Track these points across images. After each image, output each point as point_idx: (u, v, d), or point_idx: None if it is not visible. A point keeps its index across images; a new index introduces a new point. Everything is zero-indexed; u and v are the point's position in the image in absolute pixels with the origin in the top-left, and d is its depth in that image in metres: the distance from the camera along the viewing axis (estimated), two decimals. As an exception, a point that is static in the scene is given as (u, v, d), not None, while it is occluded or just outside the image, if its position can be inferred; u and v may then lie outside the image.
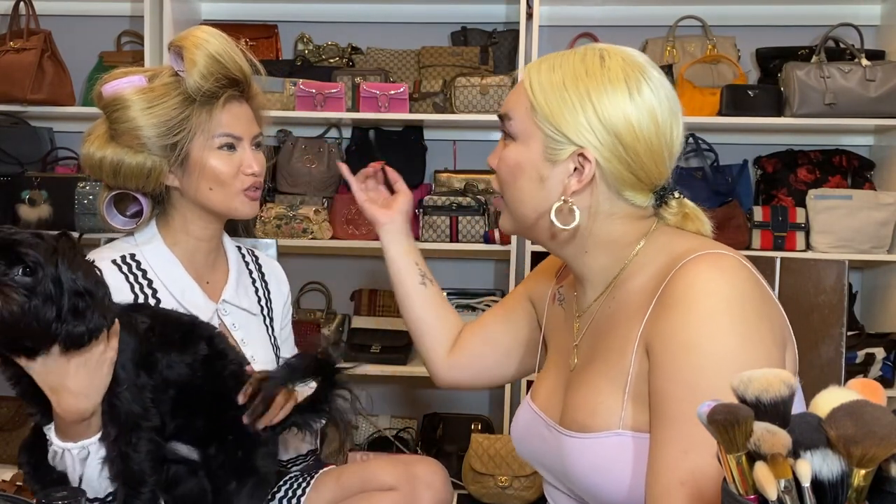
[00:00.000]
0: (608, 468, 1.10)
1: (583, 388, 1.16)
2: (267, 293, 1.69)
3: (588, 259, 1.19)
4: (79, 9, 3.26)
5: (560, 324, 1.32)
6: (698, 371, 1.01)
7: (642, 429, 1.08)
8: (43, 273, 1.21)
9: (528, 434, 1.28)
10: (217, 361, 1.43)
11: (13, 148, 3.04)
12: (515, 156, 1.17)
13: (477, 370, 1.51)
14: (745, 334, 1.02)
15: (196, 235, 1.56)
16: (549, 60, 1.16)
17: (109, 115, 1.48)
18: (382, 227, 1.54)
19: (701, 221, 1.20)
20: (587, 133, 1.11)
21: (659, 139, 1.12)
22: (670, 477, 1.01)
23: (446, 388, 1.58)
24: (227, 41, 1.50)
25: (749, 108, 2.85)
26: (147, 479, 1.32)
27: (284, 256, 2.03)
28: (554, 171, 1.14)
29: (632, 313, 1.12)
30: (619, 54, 1.14)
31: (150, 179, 1.48)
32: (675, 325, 1.04)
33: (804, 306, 1.50)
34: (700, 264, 1.06)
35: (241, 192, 1.52)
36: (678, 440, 1.01)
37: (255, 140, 1.55)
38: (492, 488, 2.72)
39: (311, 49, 3.19)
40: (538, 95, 1.14)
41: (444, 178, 3.10)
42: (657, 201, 1.18)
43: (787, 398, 0.74)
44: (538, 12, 2.94)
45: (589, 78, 1.12)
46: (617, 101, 1.11)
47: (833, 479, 0.69)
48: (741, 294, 1.04)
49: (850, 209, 2.85)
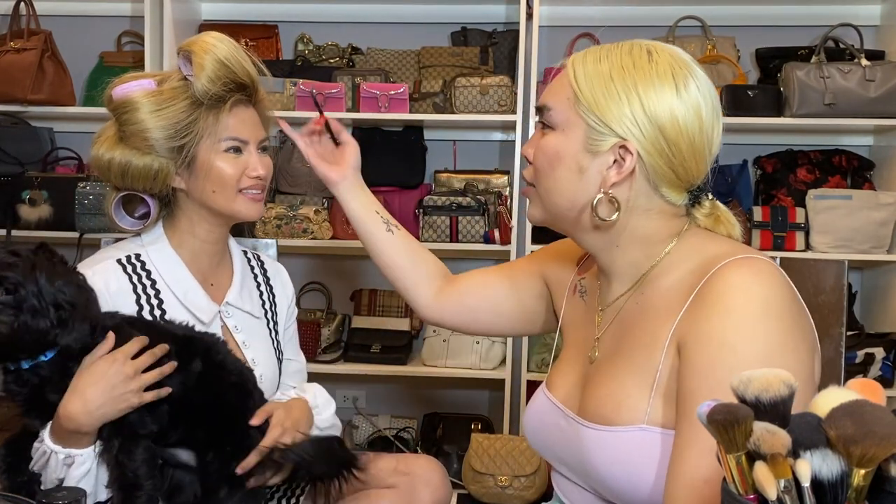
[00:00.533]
0: (631, 462, 1.10)
1: (606, 382, 1.16)
2: (272, 296, 1.70)
3: (618, 253, 1.19)
4: (79, 9, 3.26)
5: (580, 316, 1.31)
6: (732, 372, 1.00)
7: (669, 425, 1.08)
8: (25, 291, 1.26)
9: (544, 425, 1.27)
10: (214, 375, 1.45)
11: (13, 148, 3.04)
12: (555, 145, 1.16)
13: (465, 319, 1.52)
14: (782, 340, 1.03)
15: (201, 237, 1.57)
16: (595, 52, 1.16)
17: (119, 117, 1.50)
18: (337, 185, 1.56)
19: (732, 225, 1.20)
20: (631, 125, 1.11)
21: (702, 137, 1.12)
22: (694, 475, 1.00)
23: (431, 324, 1.59)
24: (235, 46, 1.52)
25: (749, 109, 2.85)
26: (143, 483, 1.33)
27: (284, 256, 2.04)
28: (594, 162, 1.13)
29: (662, 311, 1.12)
30: (667, 51, 1.15)
31: (157, 181, 1.50)
32: (712, 326, 1.04)
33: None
34: (740, 267, 1.06)
35: (243, 194, 1.53)
36: (705, 438, 1.00)
37: (261, 144, 1.56)
38: (492, 488, 2.72)
39: (312, 49, 3.20)
40: (583, 85, 1.13)
41: (444, 178, 3.10)
42: (691, 201, 1.18)
43: (787, 398, 0.74)
44: (538, 12, 2.94)
45: (637, 71, 1.11)
46: (664, 95, 1.10)
47: (833, 479, 0.69)
48: (779, 300, 1.05)
49: (850, 209, 2.85)
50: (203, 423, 1.43)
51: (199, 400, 1.42)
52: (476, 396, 3.26)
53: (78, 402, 1.30)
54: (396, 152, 3.11)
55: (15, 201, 2.94)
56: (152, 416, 1.37)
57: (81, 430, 1.31)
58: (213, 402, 1.44)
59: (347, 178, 1.56)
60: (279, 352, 1.67)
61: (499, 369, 2.97)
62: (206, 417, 1.43)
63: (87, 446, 1.34)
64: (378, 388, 3.30)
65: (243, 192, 1.53)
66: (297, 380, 1.73)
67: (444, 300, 1.51)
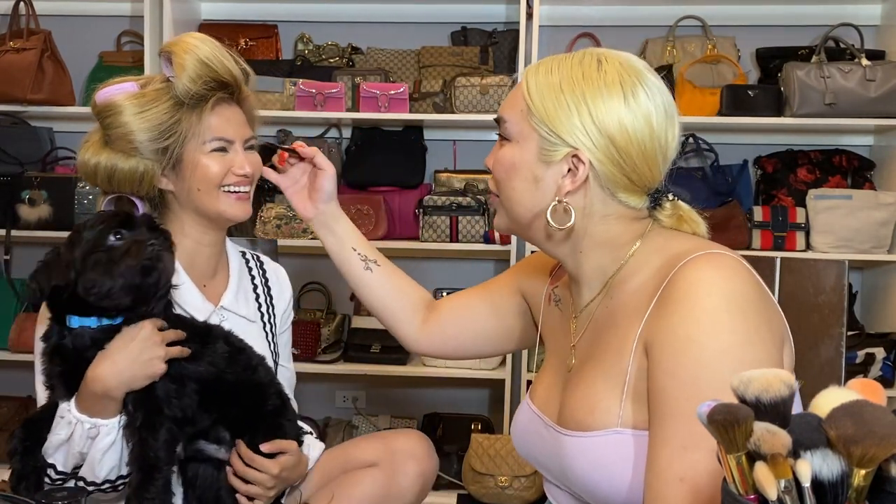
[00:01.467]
0: (608, 466, 1.11)
1: (581, 388, 1.17)
2: (269, 299, 1.69)
3: (582, 258, 1.20)
4: (79, 9, 3.26)
5: (556, 325, 1.33)
6: (698, 368, 1.02)
7: (642, 426, 1.09)
8: None
9: (527, 434, 1.29)
10: (240, 356, 1.47)
11: (13, 148, 3.03)
12: (511, 156, 1.19)
13: (452, 346, 1.52)
14: (745, 332, 1.03)
15: (194, 238, 1.56)
16: (547, 63, 1.18)
17: (102, 121, 1.50)
18: (310, 221, 1.54)
19: (696, 223, 1.22)
20: (581, 135, 1.13)
21: (653, 143, 1.13)
22: (669, 473, 1.01)
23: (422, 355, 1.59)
24: (216, 46, 1.51)
25: (749, 108, 2.84)
26: (162, 465, 1.34)
27: (284, 256, 2.04)
28: (548, 172, 1.16)
29: (630, 313, 1.13)
30: (617, 59, 1.16)
31: (144, 183, 1.50)
32: (675, 323, 1.05)
33: (804, 306, 1.50)
34: (700, 264, 1.07)
35: (227, 193, 1.52)
36: (677, 436, 1.02)
37: (247, 143, 1.56)
38: (492, 488, 2.72)
39: (311, 49, 3.19)
40: (535, 98, 1.15)
41: (444, 178, 3.10)
42: (651, 203, 1.19)
43: (787, 398, 0.74)
44: (538, 12, 2.94)
45: (585, 81, 1.13)
46: (612, 105, 1.12)
47: (833, 479, 0.69)
48: (741, 293, 1.05)
49: (850, 209, 2.85)
50: (238, 401, 1.44)
51: (232, 377, 1.43)
52: (476, 396, 3.26)
53: (107, 363, 1.32)
54: (396, 152, 3.11)
55: (14, 201, 2.94)
56: (180, 399, 1.38)
57: (109, 394, 1.32)
58: (247, 378, 1.46)
59: (321, 212, 1.52)
60: (276, 354, 1.67)
61: (499, 369, 2.97)
62: (240, 395, 1.45)
63: (112, 416, 1.34)
64: (378, 388, 3.30)
65: (228, 190, 1.52)
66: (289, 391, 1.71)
67: (428, 331, 1.51)
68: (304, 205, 1.53)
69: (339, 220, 1.54)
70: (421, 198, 2.98)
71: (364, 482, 1.58)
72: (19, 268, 3.16)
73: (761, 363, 1.01)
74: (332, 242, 1.53)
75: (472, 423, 3.05)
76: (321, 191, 1.52)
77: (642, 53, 3.12)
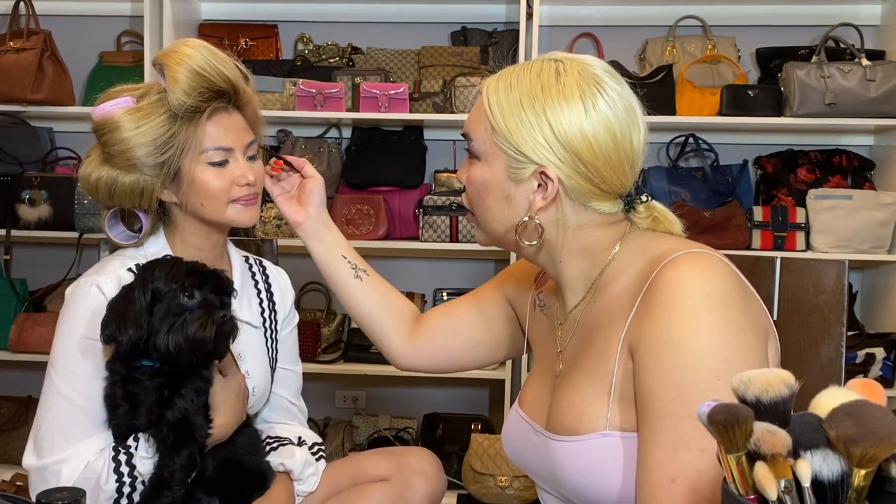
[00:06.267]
0: (597, 469, 1.11)
1: (568, 393, 1.17)
2: (271, 304, 1.68)
3: (563, 267, 1.20)
4: (79, 9, 3.26)
5: (543, 331, 1.33)
6: (684, 368, 1.02)
7: (629, 428, 1.09)
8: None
9: (517, 440, 1.29)
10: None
11: (13, 148, 3.04)
12: (481, 176, 1.18)
13: (440, 359, 1.50)
14: (729, 330, 1.03)
15: (196, 245, 1.56)
16: (507, 78, 1.16)
17: (100, 137, 1.48)
18: (298, 226, 1.53)
19: (671, 222, 1.21)
20: (546, 152, 1.12)
21: (618, 151, 1.13)
22: (661, 475, 1.01)
23: (408, 371, 1.58)
24: (211, 53, 1.48)
25: (749, 108, 2.84)
26: (174, 485, 1.35)
27: (284, 256, 2.03)
28: (519, 190, 1.15)
29: (614, 316, 1.13)
30: (576, 67, 1.14)
31: (144, 198, 1.49)
32: (658, 325, 1.05)
33: (804, 306, 1.50)
34: (682, 264, 1.07)
35: (233, 203, 1.50)
36: (667, 438, 1.02)
37: (248, 148, 1.53)
38: (492, 488, 2.72)
39: (311, 49, 3.19)
40: (497, 116, 1.14)
41: (444, 178, 3.10)
42: (626, 206, 1.19)
43: (788, 398, 0.74)
44: (538, 12, 2.94)
45: (545, 95, 1.12)
46: (572, 117, 1.11)
47: (833, 479, 0.69)
48: (723, 291, 1.05)
49: (850, 209, 2.85)
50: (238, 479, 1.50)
51: None
52: (476, 396, 3.26)
53: (229, 414, 1.43)
54: (396, 152, 3.11)
55: (14, 201, 2.94)
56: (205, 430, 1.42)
57: (226, 438, 1.44)
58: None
59: (311, 218, 1.52)
60: (274, 360, 1.66)
61: (499, 369, 2.97)
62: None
63: None
64: (378, 388, 3.30)
65: (234, 201, 1.50)
66: (293, 395, 1.71)
67: (416, 344, 1.49)
68: (295, 210, 1.53)
69: (329, 228, 1.54)
70: (421, 198, 2.98)
71: (374, 496, 1.58)
72: (19, 268, 3.16)
73: (746, 360, 1.02)
74: (320, 250, 1.53)
75: (472, 423, 3.05)
76: (310, 195, 1.52)
77: (642, 53, 3.12)
